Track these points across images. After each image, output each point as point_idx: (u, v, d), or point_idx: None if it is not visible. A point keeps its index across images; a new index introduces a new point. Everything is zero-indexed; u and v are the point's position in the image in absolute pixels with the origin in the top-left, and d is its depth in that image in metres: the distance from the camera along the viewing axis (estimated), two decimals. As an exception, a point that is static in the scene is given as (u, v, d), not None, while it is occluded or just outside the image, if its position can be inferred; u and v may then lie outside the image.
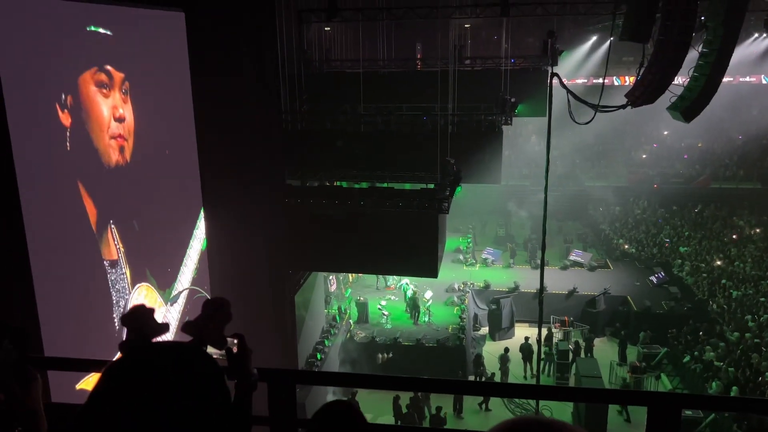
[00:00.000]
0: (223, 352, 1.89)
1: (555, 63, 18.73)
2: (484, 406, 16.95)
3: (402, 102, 18.04)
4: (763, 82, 35.90)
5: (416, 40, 27.52)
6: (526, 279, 22.57)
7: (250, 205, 13.63)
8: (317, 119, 17.37)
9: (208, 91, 12.80)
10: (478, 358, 18.30)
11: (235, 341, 2.04)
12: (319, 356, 17.17)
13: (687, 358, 17.60)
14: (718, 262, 24.73)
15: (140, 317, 1.52)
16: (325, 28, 20.49)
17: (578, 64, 34.59)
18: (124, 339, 1.48)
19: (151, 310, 1.55)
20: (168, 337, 1.58)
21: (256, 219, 13.79)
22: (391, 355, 18.59)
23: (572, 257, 25.61)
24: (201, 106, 13.08)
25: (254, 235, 13.82)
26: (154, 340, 1.51)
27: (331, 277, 21.67)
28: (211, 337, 1.63)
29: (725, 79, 12.80)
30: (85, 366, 2.98)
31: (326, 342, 18.05)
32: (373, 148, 16.63)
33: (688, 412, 14.23)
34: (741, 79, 34.73)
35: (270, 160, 14.04)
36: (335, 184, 18.29)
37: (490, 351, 19.79)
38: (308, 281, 16.93)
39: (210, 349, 1.62)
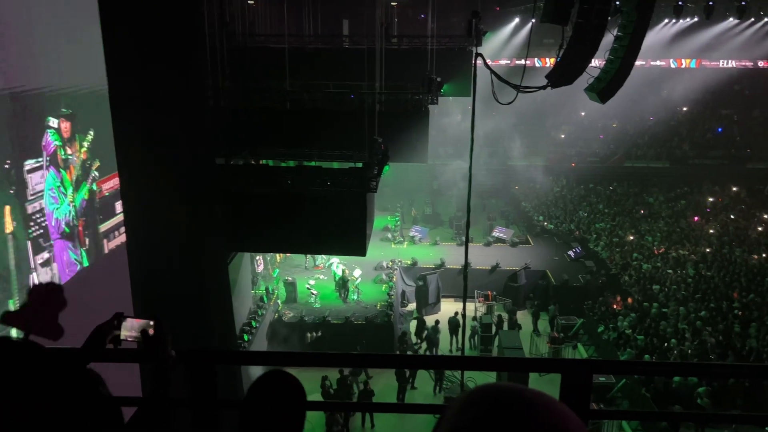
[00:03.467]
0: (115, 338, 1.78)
1: (479, 43, 18.90)
2: (411, 381, 17.20)
3: (329, 79, 17.81)
4: (672, 66, 37.94)
5: (342, 17, 27.14)
6: (452, 255, 23.11)
7: (172, 185, 13.12)
8: (240, 96, 16.88)
9: (123, 64, 12.14)
10: (404, 334, 18.63)
11: (152, 323, 1.97)
12: (246, 337, 16.94)
13: (601, 328, 18.62)
14: (630, 237, 26.21)
15: None
16: (249, 1, 19.86)
17: (501, 45, 35.31)
18: None
19: None
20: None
21: (179, 200, 13.29)
22: (320, 333, 18.62)
23: (495, 234, 26.45)
24: (116, 80, 12.41)
25: (178, 217, 13.33)
26: None
27: (258, 258, 21.34)
28: (43, 328, 1.40)
29: (638, 63, 13.41)
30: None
31: (253, 323, 17.80)
32: (299, 126, 16.36)
33: (602, 379, 15.12)
34: (652, 63, 36.53)
35: (192, 138, 13.52)
36: (261, 163, 17.91)
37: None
38: (234, 262, 16.59)
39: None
